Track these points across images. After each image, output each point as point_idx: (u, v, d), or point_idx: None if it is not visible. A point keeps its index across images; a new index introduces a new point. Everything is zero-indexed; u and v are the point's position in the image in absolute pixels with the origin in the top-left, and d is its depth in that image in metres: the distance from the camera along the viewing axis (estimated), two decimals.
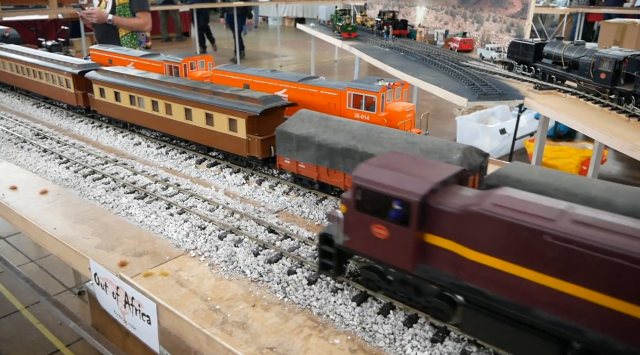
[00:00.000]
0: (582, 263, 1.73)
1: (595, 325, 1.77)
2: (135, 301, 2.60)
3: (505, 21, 8.89)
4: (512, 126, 10.05)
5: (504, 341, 2.02)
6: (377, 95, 3.71)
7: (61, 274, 7.26)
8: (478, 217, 1.95)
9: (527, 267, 1.87)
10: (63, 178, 3.91)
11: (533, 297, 1.89)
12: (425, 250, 2.16)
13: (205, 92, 3.99)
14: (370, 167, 2.30)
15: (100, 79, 4.81)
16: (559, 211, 1.86)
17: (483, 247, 1.97)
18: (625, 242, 1.67)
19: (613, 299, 1.71)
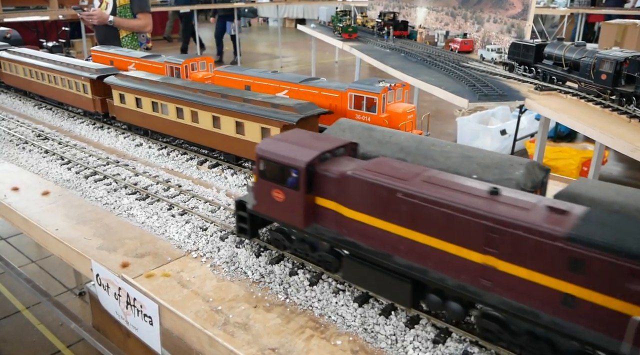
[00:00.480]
0: (424, 215, 2.12)
1: (436, 266, 2.15)
2: (137, 302, 2.60)
3: (506, 22, 8.89)
4: (512, 127, 10.05)
5: (373, 285, 2.39)
6: (378, 96, 3.72)
7: (62, 275, 7.27)
8: (351, 180, 2.32)
9: (387, 220, 2.26)
10: (65, 179, 3.92)
11: (393, 246, 2.26)
12: (315, 211, 2.52)
13: (235, 99, 3.79)
14: (271, 141, 2.68)
15: (120, 85, 4.60)
16: (414, 173, 2.26)
17: (356, 206, 2.35)
18: (454, 195, 2.05)
19: (446, 243, 2.09)
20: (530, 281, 1.89)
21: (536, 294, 1.89)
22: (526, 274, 1.90)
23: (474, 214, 1.97)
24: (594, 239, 1.72)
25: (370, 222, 2.30)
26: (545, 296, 1.87)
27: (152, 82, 4.40)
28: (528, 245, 1.86)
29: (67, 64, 5.32)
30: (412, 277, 2.21)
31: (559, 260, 1.80)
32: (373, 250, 2.32)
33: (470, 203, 2.00)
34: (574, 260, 1.76)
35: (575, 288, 1.79)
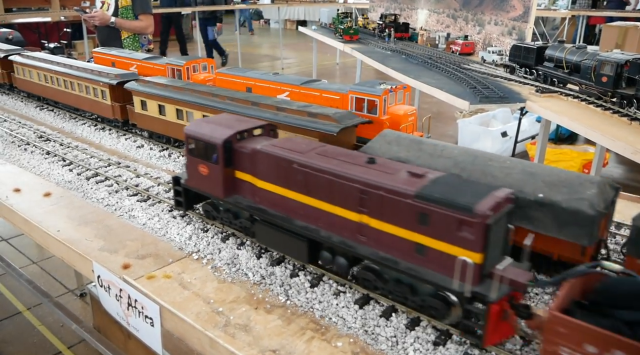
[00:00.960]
0: (314, 182, 2.49)
1: (325, 226, 2.52)
2: (138, 303, 2.61)
3: (507, 24, 8.90)
4: (513, 129, 10.05)
5: (279, 245, 2.75)
6: (379, 98, 3.73)
7: (63, 276, 7.27)
8: (261, 154, 2.69)
9: (287, 188, 2.62)
10: (66, 180, 3.93)
11: (293, 210, 2.63)
12: (235, 183, 2.88)
13: (268, 108, 3.59)
14: (198, 123, 3.05)
15: (141, 91, 4.38)
16: (310, 148, 2.63)
17: (265, 177, 2.72)
18: (337, 164, 2.44)
19: (332, 206, 2.46)
20: (393, 234, 2.27)
21: (397, 245, 2.27)
22: (389, 229, 2.28)
23: (350, 179, 2.35)
24: (434, 196, 2.10)
25: (276, 190, 2.69)
26: (403, 246, 2.25)
27: (176, 88, 4.21)
28: (389, 204, 2.24)
29: (84, 69, 5.11)
30: (308, 237, 2.57)
31: (410, 215, 2.17)
32: (278, 214, 2.69)
33: (348, 170, 2.38)
34: (420, 214, 2.14)
35: (423, 238, 2.17)
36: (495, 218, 2.00)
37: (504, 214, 2.09)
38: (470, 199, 2.03)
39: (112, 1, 8.54)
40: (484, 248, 2.01)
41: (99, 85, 4.83)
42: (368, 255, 2.35)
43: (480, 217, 1.97)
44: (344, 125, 3.23)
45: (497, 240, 2.08)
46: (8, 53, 6.20)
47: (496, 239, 2.06)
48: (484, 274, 2.05)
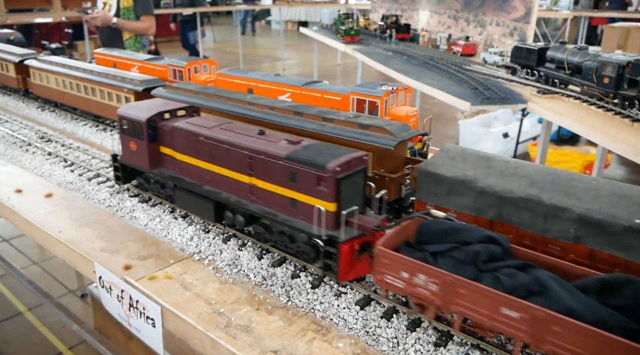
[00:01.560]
0: (217, 152, 2.94)
1: (226, 189, 2.98)
2: (139, 304, 2.61)
3: (509, 25, 8.90)
4: (515, 130, 10.05)
5: (193, 208, 3.20)
6: (381, 99, 3.72)
7: (64, 277, 7.28)
8: (177, 130, 3.15)
9: (198, 158, 3.07)
10: (68, 181, 3.93)
11: (202, 177, 3.09)
12: (159, 157, 3.34)
13: (313, 118, 3.32)
14: (130, 105, 3.56)
15: (171, 98, 3.99)
16: (217, 124, 3.07)
17: (181, 150, 3.17)
18: (233, 136, 2.89)
19: (230, 171, 2.91)
20: (274, 192, 2.72)
21: (277, 201, 2.71)
22: (271, 187, 2.73)
23: (241, 147, 2.81)
24: (299, 157, 2.55)
25: (189, 161, 3.15)
26: (281, 202, 2.69)
27: (209, 95, 3.91)
28: (269, 166, 2.70)
29: (107, 75, 4.83)
30: (214, 199, 3.00)
31: (284, 175, 2.62)
32: (191, 182, 3.15)
33: (240, 140, 2.84)
34: (291, 173, 2.58)
35: (294, 193, 2.61)
36: (345, 174, 2.47)
37: (357, 172, 2.55)
38: (325, 159, 2.48)
39: (113, 2, 8.56)
40: (336, 198, 2.46)
41: (123, 91, 4.56)
42: (256, 211, 2.80)
43: (331, 173, 2.43)
44: (401, 138, 2.95)
45: (352, 193, 2.53)
46: (24, 57, 5.96)
47: (350, 192, 2.51)
48: (341, 221, 2.47)
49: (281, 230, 2.77)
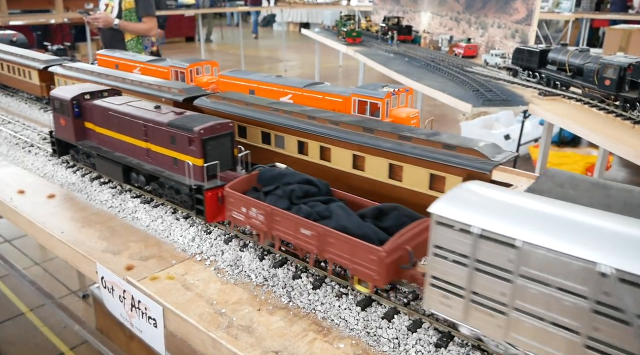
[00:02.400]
0: (122, 123, 3.58)
1: (131, 154, 3.61)
2: (141, 305, 2.62)
3: (510, 27, 8.91)
4: (516, 132, 10.06)
5: (108, 172, 3.81)
6: (382, 101, 3.73)
7: (66, 277, 7.30)
8: (95, 107, 3.80)
9: (109, 129, 3.73)
10: (70, 182, 3.94)
11: (114, 145, 3.74)
12: (84, 131, 3.96)
13: (387, 135, 3.02)
14: (60, 88, 4.17)
15: (217, 109, 3.80)
16: (124, 101, 3.72)
17: (99, 123, 3.82)
18: (134, 110, 3.52)
19: (132, 138, 3.54)
20: (163, 154, 3.34)
21: (165, 160, 3.33)
22: (161, 150, 3.34)
23: (139, 118, 3.43)
24: (176, 124, 3.18)
25: (105, 132, 3.79)
26: (167, 161, 3.32)
27: (261, 107, 3.66)
28: (158, 133, 3.31)
29: (141, 83, 4.51)
30: (122, 163, 3.62)
31: (167, 139, 3.24)
32: (106, 150, 3.79)
33: (139, 113, 3.47)
34: (171, 137, 3.21)
35: (175, 153, 3.23)
36: (210, 136, 3.07)
37: (223, 135, 3.15)
38: (194, 125, 3.08)
39: (115, 4, 8.59)
40: (202, 155, 3.07)
41: (161, 102, 4.12)
42: (151, 170, 3.42)
43: (197, 135, 3.04)
44: (497, 161, 2.68)
45: (218, 152, 3.13)
46: (48, 64, 5.61)
47: (216, 151, 3.11)
48: (210, 175, 3.10)
49: (170, 185, 3.34)
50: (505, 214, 1.92)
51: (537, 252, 1.77)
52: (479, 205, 1.99)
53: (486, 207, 1.98)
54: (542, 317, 1.81)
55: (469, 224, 1.92)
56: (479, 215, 1.92)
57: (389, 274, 2.31)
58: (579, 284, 1.70)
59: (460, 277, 1.99)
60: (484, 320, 1.98)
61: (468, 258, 1.95)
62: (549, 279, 1.76)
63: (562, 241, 1.72)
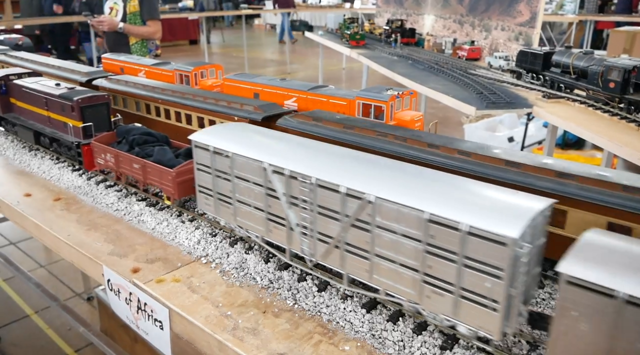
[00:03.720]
0: (29, 97, 4.53)
1: (38, 122, 4.51)
2: (147, 307, 2.63)
3: (514, 30, 8.91)
4: (520, 134, 10.05)
5: (25, 137, 4.80)
6: (386, 104, 3.74)
7: (71, 280, 7.32)
8: (15, 85, 4.71)
9: (24, 103, 4.64)
10: (76, 185, 3.97)
11: (28, 115, 4.62)
12: (10, 105, 4.89)
13: (542, 173, 2.53)
14: None
15: (305, 130, 3.36)
16: (37, 80, 4.63)
17: (19, 99, 4.71)
18: (40, 88, 4.35)
19: (37, 108, 4.44)
20: (57, 119, 4.20)
21: (59, 125, 4.20)
22: (56, 116, 4.21)
23: (42, 92, 4.28)
24: (62, 95, 4.07)
25: (22, 105, 4.69)
26: (60, 125, 4.18)
27: (364, 130, 3.20)
28: (54, 104, 4.20)
29: (205, 98, 4.08)
30: (32, 128, 4.57)
31: (59, 107, 4.11)
32: (22, 119, 4.71)
33: (42, 89, 4.30)
34: (62, 106, 4.09)
35: (65, 118, 4.10)
36: (87, 105, 3.97)
37: (100, 105, 4.06)
38: (74, 96, 3.96)
39: (120, 7, 8.63)
40: (81, 119, 3.96)
41: (234, 120, 3.72)
42: (50, 133, 4.35)
43: (76, 103, 3.94)
44: None
45: (95, 118, 4.03)
46: (91, 76, 5.09)
47: (93, 117, 4.02)
48: (88, 134, 3.99)
49: (64, 144, 4.24)
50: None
51: (385, 205, 2.16)
52: None
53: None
54: (387, 257, 2.23)
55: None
56: None
57: (180, 190, 3.28)
58: (416, 230, 2.09)
59: (209, 183, 2.94)
60: (225, 211, 2.92)
61: (227, 173, 2.79)
62: (395, 227, 2.16)
63: (402, 196, 2.13)
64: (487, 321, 1.95)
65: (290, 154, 2.61)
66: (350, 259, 2.37)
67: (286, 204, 2.54)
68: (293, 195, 2.50)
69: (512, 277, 1.89)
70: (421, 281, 2.11)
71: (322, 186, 2.36)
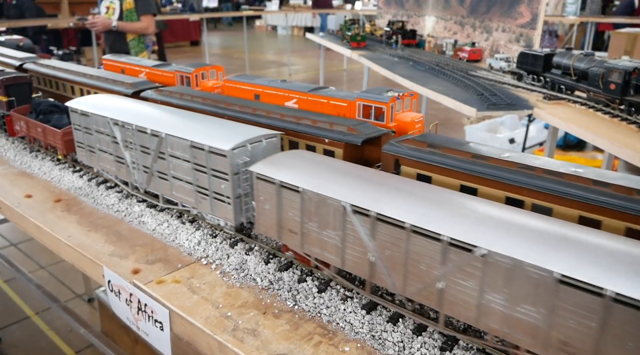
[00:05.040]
0: None
1: None
2: (148, 308, 2.64)
3: (515, 31, 8.92)
4: (521, 136, 10.06)
5: None
6: (387, 105, 3.74)
7: (71, 281, 7.33)
8: None
9: None
10: (77, 187, 3.97)
11: None
12: None
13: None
14: None
15: (419, 158, 2.77)
16: None
17: None
18: None
19: None
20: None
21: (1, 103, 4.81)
22: None
23: None
24: None
25: None
26: (1, 103, 4.79)
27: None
28: None
29: (294, 119, 3.40)
30: None
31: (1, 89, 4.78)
32: None
33: None
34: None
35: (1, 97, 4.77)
36: (11, 83, 4.68)
37: (22, 84, 4.78)
38: (3, 77, 4.63)
39: (117, 6, 8.67)
40: (6, 95, 4.70)
41: (324, 143, 3.18)
42: None
43: (2, 82, 4.61)
44: None
45: (19, 94, 4.75)
46: (138, 88, 4.55)
47: (17, 93, 4.74)
48: (12, 107, 4.72)
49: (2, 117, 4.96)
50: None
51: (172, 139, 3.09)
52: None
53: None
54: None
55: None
56: None
57: (67, 147, 4.19)
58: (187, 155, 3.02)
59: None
60: (93, 158, 3.90)
61: (90, 129, 3.76)
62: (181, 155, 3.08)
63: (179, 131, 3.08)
64: (227, 213, 2.90)
65: (129, 109, 3.63)
66: (160, 183, 3.33)
67: (123, 148, 3.52)
68: (126, 140, 3.47)
69: (236, 181, 2.81)
70: (195, 191, 3.06)
71: (141, 131, 3.30)
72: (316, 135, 3.21)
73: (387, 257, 2.23)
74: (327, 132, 3.17)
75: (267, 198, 2.64)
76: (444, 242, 2.01)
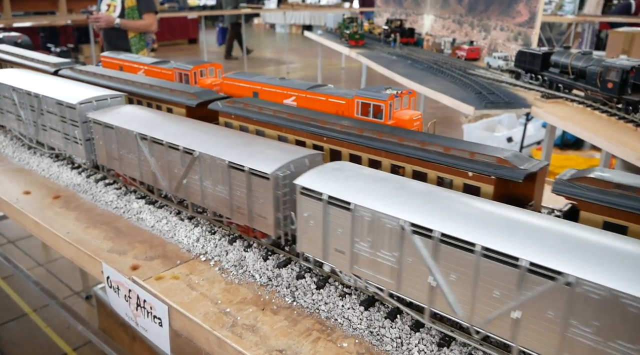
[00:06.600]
0: None
1: None
2: (147, 304, 2.64)
3: (513, 30, 8.93)
4: (519, 134, 10.08)
5: None
6: (385, 103, 3.75)
7: (69, 278, 7.33)
8: None
9: None
10: (75, 183, 3.97)
11: None
12: None
13: None
14: None
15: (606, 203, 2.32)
16: None
17: None
18: None
19: None
20: None
21: None
22: None
23: None
24: None
25: None
26: None
27: None
28: None
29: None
30: None
31: None
32: None
33: None
34: None
35: None
36: None
37: None
38: None
39: (118, 3, 8.67)
40: None
41: (466, 177, 2.55)
42: None
43: None
44: None
45: None
46: (201, 98, 3.97)
47: None
48: None
49: None
50: None
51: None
52: None
53: None
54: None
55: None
56: None
57: None
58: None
59: None
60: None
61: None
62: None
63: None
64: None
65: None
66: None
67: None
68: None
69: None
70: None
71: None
72: (454, 166, 2.60)
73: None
74: (469, 163, 2.54)
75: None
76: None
